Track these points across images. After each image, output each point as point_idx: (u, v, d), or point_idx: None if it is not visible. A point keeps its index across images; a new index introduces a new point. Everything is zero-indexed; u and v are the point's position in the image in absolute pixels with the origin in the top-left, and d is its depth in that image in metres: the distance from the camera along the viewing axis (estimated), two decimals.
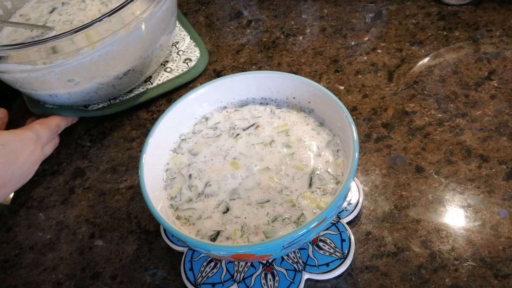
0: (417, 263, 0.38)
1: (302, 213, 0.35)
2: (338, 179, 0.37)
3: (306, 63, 0.59)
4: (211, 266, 0.40)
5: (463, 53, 0.55)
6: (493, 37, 0.56)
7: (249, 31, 0.66)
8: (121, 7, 0.45)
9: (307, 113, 0.42)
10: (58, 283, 0.42)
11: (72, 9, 0.57)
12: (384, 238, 0.40)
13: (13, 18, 0.58)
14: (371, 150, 0.47)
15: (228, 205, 0.36)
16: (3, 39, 0.55)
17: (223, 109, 0.44)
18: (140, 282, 0.41)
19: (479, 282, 0.36)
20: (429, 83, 0.53)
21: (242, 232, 0.34)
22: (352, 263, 0.38)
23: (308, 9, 0.67)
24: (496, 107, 0.48)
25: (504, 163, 0.43)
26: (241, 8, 0.70)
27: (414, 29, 0.60)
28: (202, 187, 0.38)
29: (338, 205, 0.32)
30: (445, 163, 0.44)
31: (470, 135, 0.46)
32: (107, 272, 0.42)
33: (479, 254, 0.38)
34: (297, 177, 0.37)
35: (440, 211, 0.41)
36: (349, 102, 0.52)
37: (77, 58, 0.46)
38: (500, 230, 0.39)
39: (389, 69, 0.55)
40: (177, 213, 0.37)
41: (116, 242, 0.44)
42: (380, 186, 0.44)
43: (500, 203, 0.41)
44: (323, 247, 0.39)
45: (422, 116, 0.49)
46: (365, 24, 0.62)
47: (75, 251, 0.44)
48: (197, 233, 0.35)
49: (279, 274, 0.38)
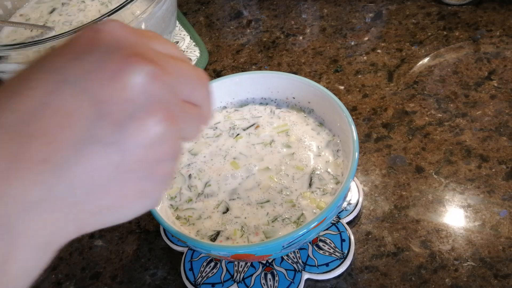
0: (417, 263, 0.38)
1: (302, 213, 0.35)
2: (338, 179, 0.37)
3: (306, 63, 0.59)
4: (211, 266, 0.40)
5: (463, 53, 0.55)
6: (493, 37, 0.56)
7: (249, 31, 0.66)
8: (121, 7, 0.45)
9: (307, 113, 0.42)
10: (58, 283, 0.42)
11: (72, 9, 0.57)
12: (384, 238, 0.40)
13: (13, 18, 0.58)
14: (371, 150, 0.47)
15: (228, 205, 0.36)
16: (3, 39, 0.55)
17: (223, 109, 0.44)
18: (140, 282, 0.41)
19: (479, 282, 0.36)
20: (429, 83, 0.53)
21: (242, 232, 0.34)
22: (352, 263, 0.38)
23: (308, 9, 0.67)
24: (496, 107, 0.48)
25: (504, 163, 0.43)
26: (241, 8, 0.70)
27: (414, 29, 0.60)
28: (202, 187, 0.38)
29: (338, 205, 0.32)
30: (445, 163, 0.44)
31: (470, 135, 0.46)
32: (107, 272, 0.42)
33: (479, 254, 0.38)
34: (297, 177, 0.37)
35: (440, 211, 0.41)
36: (349, 102, 0.52)
37: None
38: (500, 230, 0.39)
39: (389, 69, 0.55)
40: (177, 213, 0.37)
41: (116, 242, 0.44)
42: (380, 186, 0.44)
43: (500, 203, 0.40)
44: (323, 247, 0.39)
45: (422, 116, 0.49)
46: (365, 24, 0.62)
47: (75, 251, 0.44)
48: (197, 233, 0.35)
49: (279, 274, 0.38)
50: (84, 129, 0.17)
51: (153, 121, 0.19)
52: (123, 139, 0.18)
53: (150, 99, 0.18)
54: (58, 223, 0.18)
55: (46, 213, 0.17)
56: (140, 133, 0.18)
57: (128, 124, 0.18)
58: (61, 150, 0.17)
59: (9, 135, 0.17)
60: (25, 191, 0.17)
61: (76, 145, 0.17)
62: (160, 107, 0.19)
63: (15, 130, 0.17)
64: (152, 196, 0.21)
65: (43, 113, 0.17)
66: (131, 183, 0.19)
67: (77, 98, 0.17)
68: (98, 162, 0.18)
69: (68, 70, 0.18)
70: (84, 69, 0.18)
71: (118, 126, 0.18)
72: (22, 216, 0.17)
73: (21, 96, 0.17)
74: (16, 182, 0.16)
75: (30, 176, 0.17)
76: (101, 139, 0.18)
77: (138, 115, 0.18)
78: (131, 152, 0.18)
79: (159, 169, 0.20)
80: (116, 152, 0.18)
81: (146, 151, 0.19)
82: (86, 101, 0.17)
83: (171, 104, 0.20)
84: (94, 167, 0.18)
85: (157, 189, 0.21)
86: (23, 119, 0.17)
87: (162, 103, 0.19)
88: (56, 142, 0.17)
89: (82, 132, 0.17)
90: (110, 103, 0.18)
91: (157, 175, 0.20)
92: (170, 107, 0.19)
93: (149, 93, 0.18)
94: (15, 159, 0.16)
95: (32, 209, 0.17)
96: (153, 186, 0.20)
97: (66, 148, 0.17)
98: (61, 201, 0.18)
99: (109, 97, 0.18)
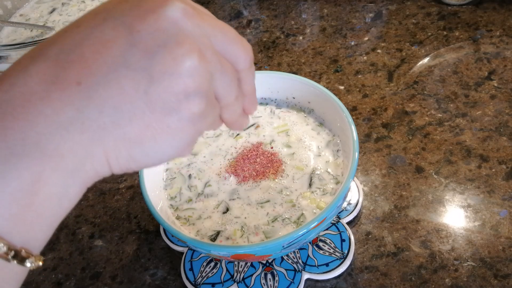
0: (417, 263, 0.38)
1: (302, 213, 0.35)
2: (338, 179, 0.37)
3: (306, 63, 0.59)
4: (211, 266, 0.40)
5: (463, 53, 0.55)
6: (493, 37, 0.56)
7: (249, 31, 0.66)
8: None
9: (307, 113, 0.42)
10: (58, 283, 0.42)
11: (72, 9, 0.57)
12: (384, 238, 0.40)
13: (13, 18, 0.58)
14: (371, 150, 0.47)
15: (228, 205, 0.36)
16: (3, 39, 0.55)
17: None
18: (140, 282, 0.41)
19: (479, 282, 0.36)
20: (429, 83, 0.53)
21: (242, 232, 0.34)
22: (352, 263, 0.38)
23: (308, 9, 0.67)
24: (496, 107, 0.48)
25: (504, 163, 0.43)
26: (241, 8, 0.70)
27: (414, 29, 0.60)
28: (202, 187, 0.38)
29: (338, 205, 0.32)
30: (445, 163, 0.44)
31: (470, 135, 0.46)
32: (107, 272, 0.42)
33: (479, 254, 0.38)
34: (297, 177, 0.37)
35: (440, 211, 0.41)
36: (349, 102, 0.52)
37: None
38: (500, 230, 0.39)
39: (389, 69, 0.55)
40: (177, 213, 0.37)
41: (116, 242, 0.44)
42: (380, 186, 0.44)
43: (500, 203, 0.40)
44: (323, 247, 0.39)
45: (422, 116, 0.49)
46: (365, 24, 0.62)
47: (75, 251, 0.44)
48: (197, 233, 0.35)
49: (279, 274, 0.38)
50: (117, 55, 0.19)
51: (182, 51, 0.19)
52: (152, 66, 0.19)
53: (181, 32, 0.19)
54: (85, 147, 0.19)
55: (75, 133, 0.18)
56: (168, 61, 0.19)
57: (158, 51, 0.19)
58: (93, 74, 0.18)
59: (50, 62, 0.18)
60: (57, 111, 0.18)
61: (108, 69, 0.18)
62: (189, 41, 0.19)
63: (56, 59, 0.18)
64: (180, 136, 0.21)
65: (83, 43, 0.19)
66: (157, 113, 0.19)
67: (116, 29, 0.19)
68: (126, 86, 0.19)
69: (114, 10, 0.19)
70: (127, 7, 0.19)
71: (148, 53, 0.19)
72: (52, 136, 0.18)
73: (69, 32, 0.19)
74: (49, 102, 0.18)
75: (63, 97, 0.18)
76: (132, 65, 0.19)
77: (168, 44, 0.19)
78: (159, 79, 0.19)
79: (187, 105, 0.20)
80: (144, 78, 0.19)
81: (174, 81, 0.19)
82: (122, 31, 0.19)
83: (202, 45, 0.20)
84: (122, 90, 0.19)
85: (185, 128, 0.21)
86: (64, 49, 0.19)
87: (193, 38, 0.20)
88: (90, 67, 0.18)
89: (115, 58, 0.19)
90: (143, 32, 0.19)
91: (184, 111, 0.20)
92: (201, 45, 0.20)
93: (180, 27, 0.19)
94: (52, 82, 0.18)
95: (62, 129, 0.18)
96: (179, 123, 0.20)
97: (99, 71, 0.18)
98: (89, 122, 0.18)
99: (142, 27, 0.19)
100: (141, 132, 0.20)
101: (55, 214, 0.19)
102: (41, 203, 0.18)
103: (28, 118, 0.18)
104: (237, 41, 0.22)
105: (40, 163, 0.18)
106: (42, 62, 0.18)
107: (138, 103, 0.19)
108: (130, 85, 0.19)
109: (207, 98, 0.21)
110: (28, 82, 0.18)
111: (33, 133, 0.18)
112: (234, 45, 0.22)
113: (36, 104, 0.18)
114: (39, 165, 0.18)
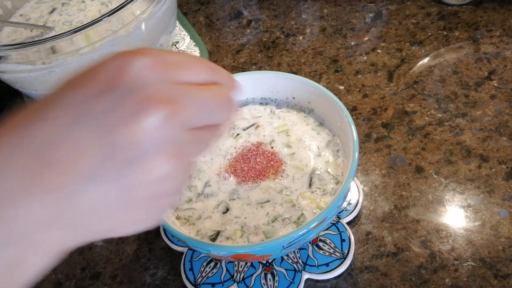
0: (417, 263, 0.38)
1: (302, 213, 0.35)
2: (338, 179, 0.37)
3: (306, 63, 0.59)
4: (211, 266, 0.40)
5: (463, 53, 0.55)
6: (493, 37, 0.56)
7: (249, 31, 0.66)
8: (121, 7, 0.45)
9: (307, 113, 0.42)
10: (58, 283, 0.42)
11: (72, 9, 0.57)
12: (384, 238, 0.40)
13: (13, 18, 0.58)
14: (371, 150, 0.47)
15: (228, 205, 0.36)
16: (3, 39, 0.55)
17: None
18: (140, 282, 0.41)
19: (479, 282, 0.36)
20: (429, 83, 0.53)
21: (242, 232, 0.34)
22: (352, 263, 0.38)
23: (308, 9, 0.67)
24: (496, 107, 0.48)
25: (504, 163, 0.43)
26: (241, 8, 0.70)
27: (414, 29, 0.60)
28: (202, 187, 0.38)
29: (338, 205, 0.32)
30: (445, 163, 0.44)
31: (470, 135, 0.46)
32: (107, 272, 0.42)
33: (479, 254, 0.38)
34: (297, 177, 0.37)
35: (440, 211, 0.41)
36: (349, 102, 0.52)
37: (77, 58, 0.46)
38: (500, 230, 0.39)
39: (389, 69, 0.55)
40: (176, 213, 0.37)
41: (116, 242, 0.44)
42: (380, 186, 0.44)
43: (500, 203, 0.40)
44: (323, 247, 0.39)
45: (422, 116, 0.49)
46: (365, 24, 0.62)
47: (75, 251, 0.44)
48: (197, 233, 0.35)
49: (279, 274, 0.38)
50: (94, 166, 0.19)
51: (160, 161, 0.20)
52: (129, 177, 0.20)
53: (160, 142, 0.20)
54: (65, 237, 0.21)
55: (56, 229, 0.20)
56: (146, 173, 0.20)
57: (136, 164, 0.20)
58: (71, 182, 0.19)
59: (28, 159, 0.19)
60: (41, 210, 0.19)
61: (85, 179, 0.19)
62: (168, 148, 0.20)
63: (33, 156, 0.19)
64: (148, 222, 0.23)
65: (59, 145, 0.19)
66: (131, 213, 0.21)
67: (92, 134, 0.19)
68: (102, 195, 0.20)
69: (87, 106, 0.20)
70: (101, 108, 0.19)
71: (125, 166, 0.20)
72: (37, 229, 0.19)
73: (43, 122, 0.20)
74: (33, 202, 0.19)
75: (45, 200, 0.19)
76: (109, 176, 0.19)
77: (146, 156, 0.20)
78: (135, 188, 0.20)
79: (160, 202, 0.22)
80: (121, 187, 0.20)
81: (151, 188, 0.21)
82: (99, 139, 0.19)
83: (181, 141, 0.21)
84: (99, 199, 0.20)
85: (154, 218, 0.23)
86: (41, 147, 0.19)
87: (171, 143, 0.20)
88: (68, 174, 0.19)
89: (92, 168, 0.19)
90: (121, 145, 0.19)
91: (156, 207, 0.22)
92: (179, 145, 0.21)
93: (159, 137, 0.20)
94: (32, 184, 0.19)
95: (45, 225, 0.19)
96: (151, 215, 0.23)
97: (76, 181, 0.19)
98: (69, 221, 0.20)
99: (120, 138, 0.19)
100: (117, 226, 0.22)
101: (26, 284, 0.21)
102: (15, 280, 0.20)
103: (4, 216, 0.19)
104: (220, 110, 0.23)
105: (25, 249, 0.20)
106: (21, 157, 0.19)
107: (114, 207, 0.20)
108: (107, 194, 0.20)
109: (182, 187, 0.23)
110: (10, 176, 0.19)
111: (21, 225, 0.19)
112: (216, 117, 0.24)
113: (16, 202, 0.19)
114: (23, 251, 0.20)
